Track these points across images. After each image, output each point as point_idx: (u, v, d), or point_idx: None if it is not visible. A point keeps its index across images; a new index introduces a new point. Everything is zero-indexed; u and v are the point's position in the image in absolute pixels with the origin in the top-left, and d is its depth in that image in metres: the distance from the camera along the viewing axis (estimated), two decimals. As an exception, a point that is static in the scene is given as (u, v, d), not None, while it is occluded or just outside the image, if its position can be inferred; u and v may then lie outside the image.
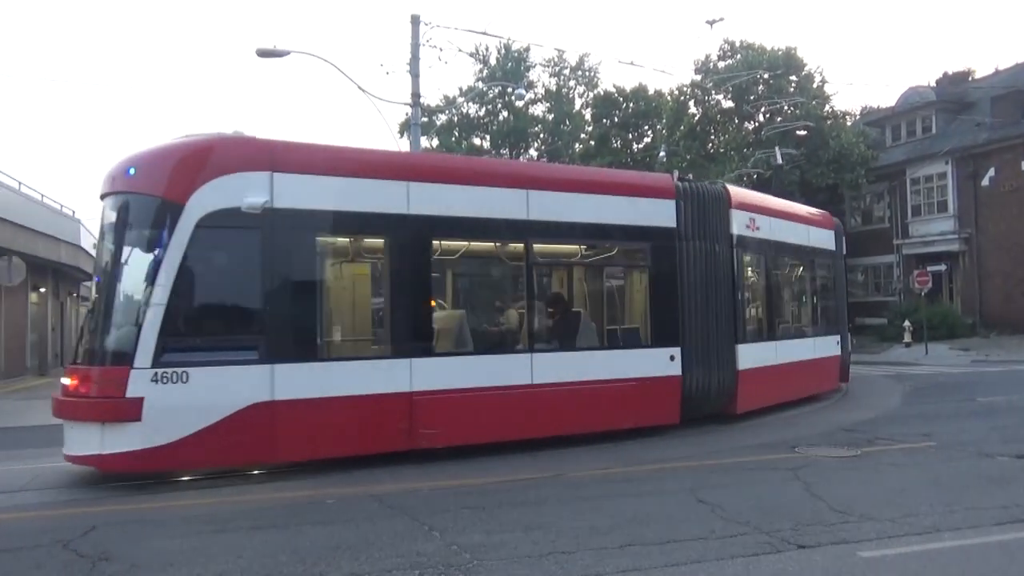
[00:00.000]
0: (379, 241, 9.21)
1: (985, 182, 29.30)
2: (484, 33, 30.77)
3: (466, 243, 9.81)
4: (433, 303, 9.62)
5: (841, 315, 16.05)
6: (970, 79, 36.38)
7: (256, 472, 8.39)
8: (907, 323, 27.61)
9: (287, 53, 17.22)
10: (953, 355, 24.93)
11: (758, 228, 12.45)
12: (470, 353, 9.65)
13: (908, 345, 27.20)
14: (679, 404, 10.67)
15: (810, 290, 15.01)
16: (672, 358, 10.60)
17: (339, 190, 8.57)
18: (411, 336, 8.97)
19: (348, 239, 9.29)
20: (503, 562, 5.17)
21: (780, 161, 28.82)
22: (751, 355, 11.89)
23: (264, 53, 16.96)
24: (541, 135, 39.92)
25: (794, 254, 14.20)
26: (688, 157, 32.56)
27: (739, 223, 11.88)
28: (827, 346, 14.87)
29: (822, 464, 8.44)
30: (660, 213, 10.78)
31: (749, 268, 12.84)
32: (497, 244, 10.06)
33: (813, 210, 16.12)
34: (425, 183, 9.07)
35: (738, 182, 29.17)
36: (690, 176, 12.38)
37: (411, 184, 8.94)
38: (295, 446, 8.13)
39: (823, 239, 15.18)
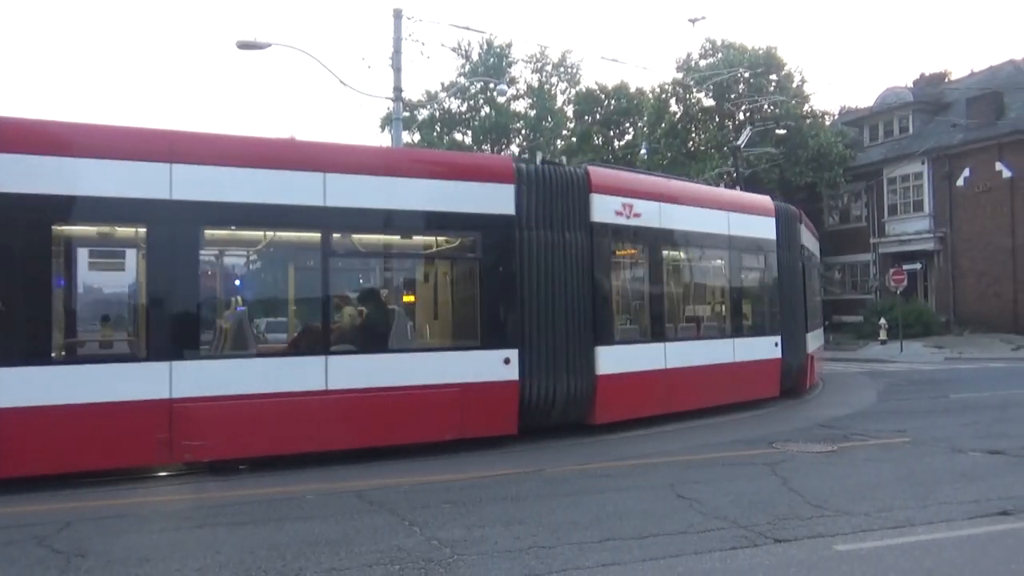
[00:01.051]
0: (134, 230, 8.25)
1: (960, 182, 29.75)
2: (467, 28, 30.60)
3: (249, 233, 8.85)
4: (226, 301, 8.94)
5: (790, 313, 14.12)
6: (946, 80, 36.92)
7: (237, 468, 8.33)
8: (883, 321, 27.99)
9: (268, 45, 17.08)
10: (927, 352, 25.30)
11: (637, 215, 11.01)
12: (248, 355, 8.64)
13: (884, 342, 27.57)
14: (516, 412, 9.52)
15: (732, 285, 13.16)
16: (507, 361, 9.42)
17: (81, 173, 7.64)
18: (173, 337, 7.94)
19: (94, 228, 8.42)
20: (483, 557, 5.18)
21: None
22: (619, 358, 10.57)
23: (244, 45, 16.81)
24: (523, 131, 39.91)
25: (703, 244, 12.66)
26: (669, 155, 32.75)
27: (604, 209, 10.55)
28: (758, 348, 13.08)
29: (799, 459, 8.54)
30: (495, 199, 9.58)
31: (622, 260, 11.61)
32: (288, 234, 9.08)
33: (741, 195, 14.43)
34: (194, 165, 8.10)
35: (718, 180, 29.39)
36: (561, 159, 11.16)
37: (175, 166, 7.97)
38: (23, 460, 7.27)
39: (755, 227, 13.46)
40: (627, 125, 39.73)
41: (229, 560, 5.17)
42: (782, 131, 30.01)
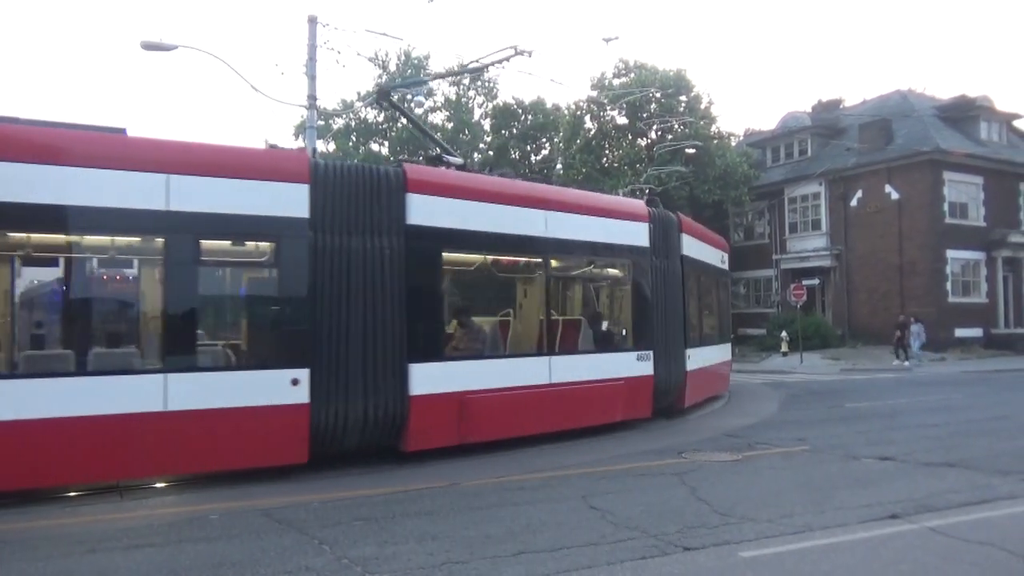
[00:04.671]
0: None
1: (853, 203, 31.56)
2: (384, 34, 30.43)
3: None
4: None
5: (344, 336, 8.80)
6: (841, 107, 39.16)
7: (134, 487, 7.92)
8: (784, 333, 29.28)
9: (174, 47, 16.47)
10: (825, 364, 26.61)
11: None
12: None
13: (785, 354, 28.82)
14: None
15: (171, 289, 8.11)
16: None
17: None
18: None
19: None
20: (395, 574, 5.09)
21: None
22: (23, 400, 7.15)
23: (149, 46, 16.15)
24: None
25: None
26: (584, 170, 33.36)
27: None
28: (245, 390, 8.17)
29: (706, 468, 8.80)
30: None
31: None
32: None
33: (212, 148, 8.58)
34: None
35: (630, 196, 30.12)
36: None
37: None
38: None
39: (239, 197, 8.26)
40: (543, 140, 40.27)
41: (124, 586, 4.90)
42: (691, 150, 31.07)
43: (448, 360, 10.07)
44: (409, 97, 35.65)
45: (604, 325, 12.87)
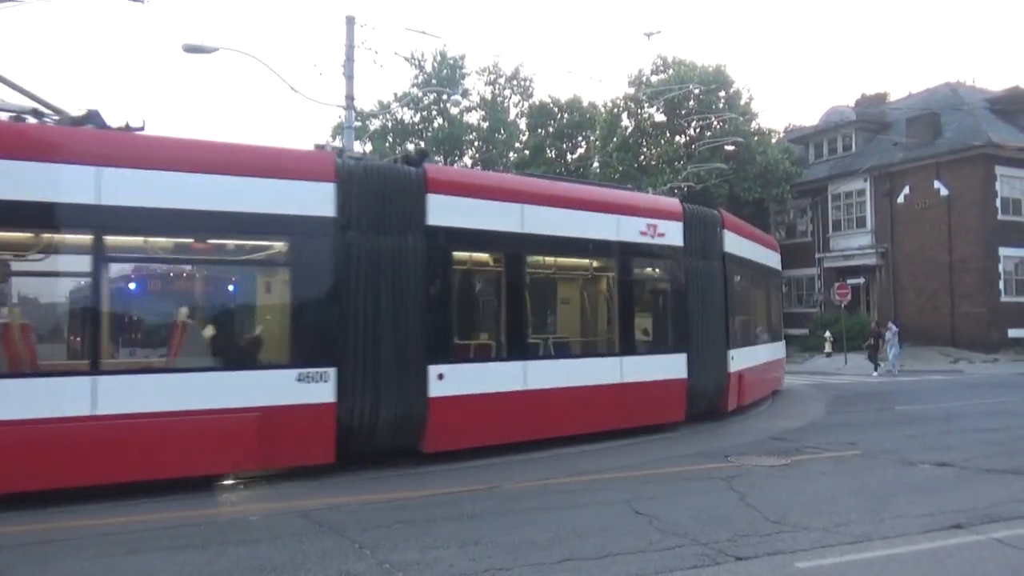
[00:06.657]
0: None
1: (900, 199, 30.69)
2: (423, 32, 30.55)
3: None
4: None
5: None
6: (886, 101, 38.17)
7: (174, 487, 7.92)
8: (828, 334, 28.60)
9: (215, 49, 16.63)
10: (870, 365, 25.90)
11: None
12: None
13: (829, 355, 28.18)
14: None
15: None
16: None
17: None
18: None
19: None
20: (438, 581, 4.97)
21: None
22: None
23: (191, 49, 16.33)
24: (476, 143, 39.81)
25: None
26: (621, 168, 33.00)
27: None
28: None
29: (754, 473, 8.52)
30: None
31: None
32: None
33: None
34: None
35: (670, 195, 29.74)
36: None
37: None
38: None
39: None
40: (580, 139, 39.99)
41: (166, 589, 4.85)
42: (731, 147, 30.54)
43: None
44: (445, 98, 35.83)
45: (255, 331, 9.32)
